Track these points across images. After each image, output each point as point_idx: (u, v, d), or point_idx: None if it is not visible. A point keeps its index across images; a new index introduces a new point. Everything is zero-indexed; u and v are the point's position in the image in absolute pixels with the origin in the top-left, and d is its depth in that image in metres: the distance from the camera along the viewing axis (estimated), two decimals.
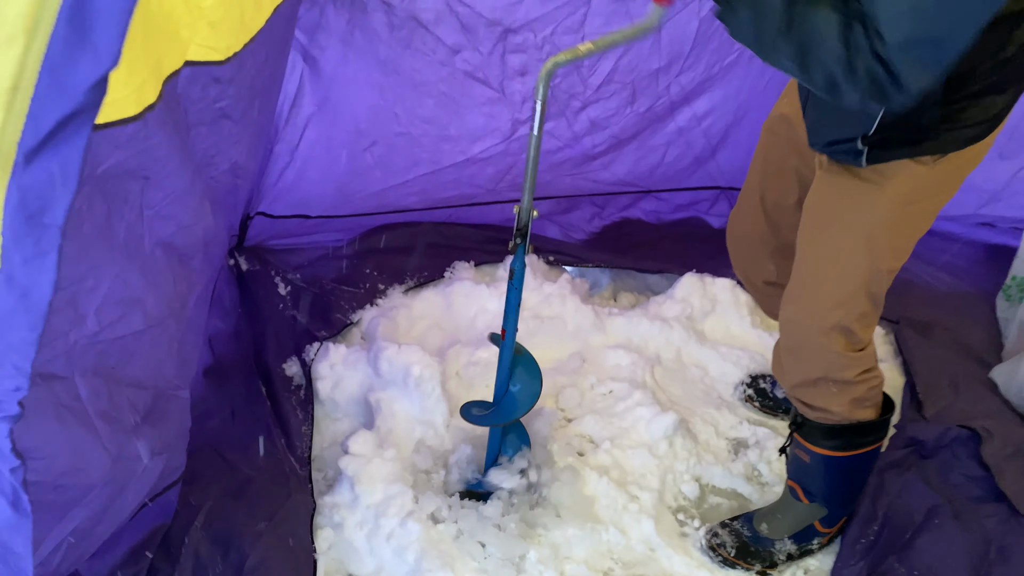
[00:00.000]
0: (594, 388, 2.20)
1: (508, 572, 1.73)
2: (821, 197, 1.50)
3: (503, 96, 2.24)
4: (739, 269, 1.94)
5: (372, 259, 2.47)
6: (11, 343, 0.77)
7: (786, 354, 1.62)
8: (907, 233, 1.47)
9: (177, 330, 1.56)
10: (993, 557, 1.75)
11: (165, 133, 1.16)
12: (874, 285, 1.48)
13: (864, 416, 1.61)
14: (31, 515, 0.86)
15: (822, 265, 1.51)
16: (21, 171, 0.71)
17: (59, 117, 0.70)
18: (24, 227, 0.73)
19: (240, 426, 1.93)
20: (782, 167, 1.68)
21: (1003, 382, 2.15)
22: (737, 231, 1.87)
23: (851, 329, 1.51)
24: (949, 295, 2.49)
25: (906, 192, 1.39)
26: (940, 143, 1.33)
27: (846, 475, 1.72)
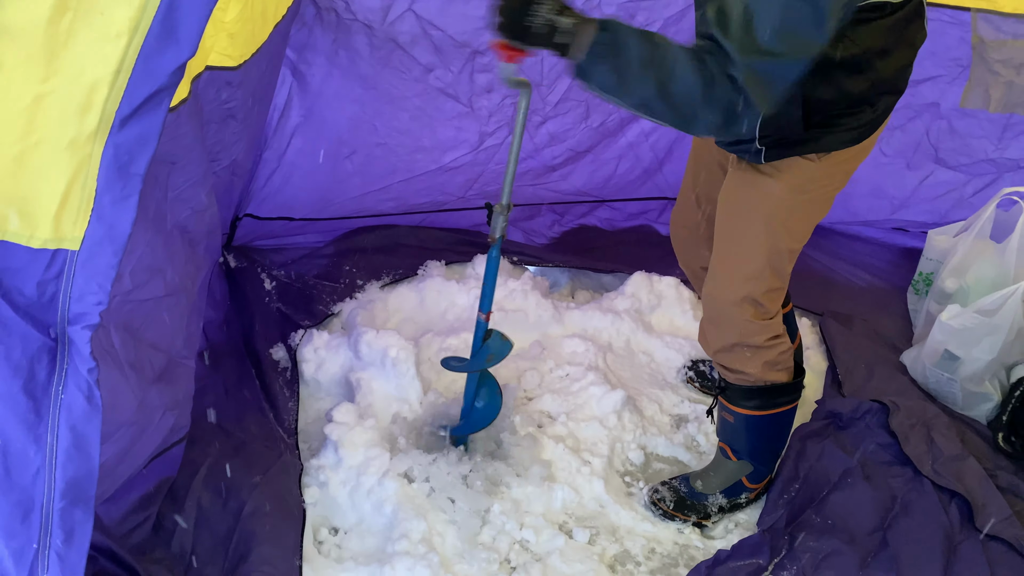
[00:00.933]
0: (552, 371, 2.44)
1: (475, 522, 1.96)
2: (730, 189, 1.78)
3: (472, 111, 2.50)
4: (680, 257, 2.20)
5: (351, 258, 2.70)
6: (98, 266, 0.99)
7: (707, 324, 1.89)
8: (801, 218, 1.74)
9: (187, 305, 1.78)
10: (897, 510, 2.01)
11: (192, 125, 1.40)
12: (776, 262, 1.75)
13: (777, 378, 1.88)
14: (101, 409, 1.07)
15: (732, 246, 1.78)
16: (116, 132, 0.94)
17: (148, 93, 0.94)
18: (115, 175, 0.96)
19: (233, 401, 2.14)
20: (710, 164, 1.95)
21: (910, 364, 2.45)
22: (676, 223, 2.14)
23: (758, 300, 1.78)
24: (867, 290, 2.79)
25: (797, 183, 1.67)
26: (821, 144, 1.62)
27: (766, 433, 1.99)
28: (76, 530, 1.10)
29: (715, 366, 1.94)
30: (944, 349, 2.28)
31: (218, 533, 1.75)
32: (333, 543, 1.91)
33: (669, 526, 2.04)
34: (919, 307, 2.64)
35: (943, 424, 2.22)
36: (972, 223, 2.45)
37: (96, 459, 1.09)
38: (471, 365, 2.00)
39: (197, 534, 1.74)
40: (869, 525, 1.98)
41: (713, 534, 2.05)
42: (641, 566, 1.94)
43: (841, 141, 1.63)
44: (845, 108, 1.59)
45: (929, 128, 2.58)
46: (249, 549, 1.71)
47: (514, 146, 1.72)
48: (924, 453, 2.13)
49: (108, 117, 0.94)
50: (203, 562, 1.71)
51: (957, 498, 2.02)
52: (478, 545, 1.91)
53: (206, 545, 1.74)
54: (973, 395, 2.29)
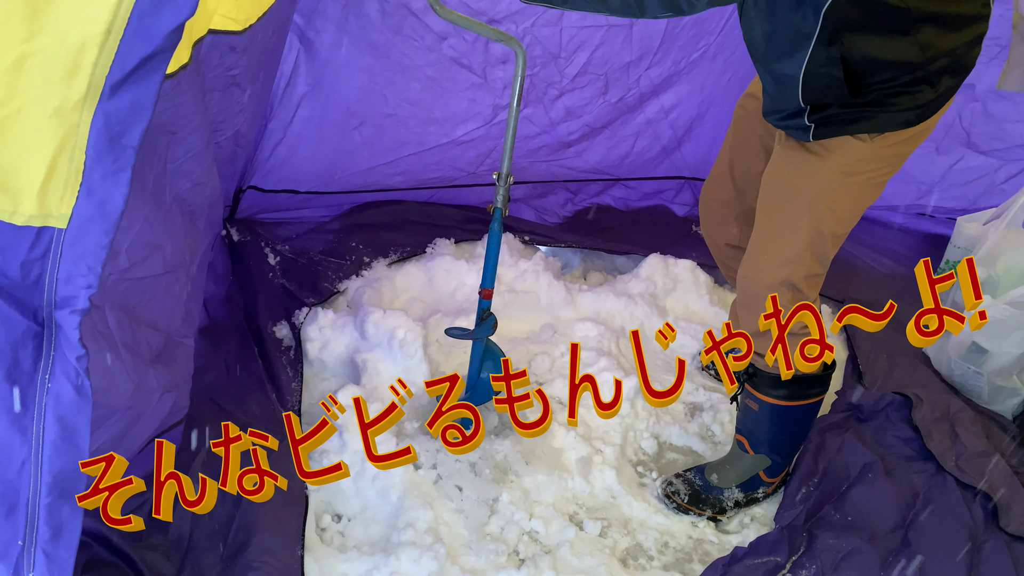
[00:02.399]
0: (564, 356, 2.37)
1: (483, 512, 1.89)
2: (775, 167, 1.70)
3: (485, 82, 2.40)
4: (706, 230, 2.12)
5: (358, 234, 2.62)
6: (87, 246, 0.91)
7: (741, 308, 1.81)
8: (848, 201, 1.65)
9: (186, 282, 1.70)
10: (919, 507, 1.95)
11: (192, 93, 1.31)
12: (819, 247, 1.67)
13: (807, 367, 1.80)
14: (91, 398, 1.00)
15: (773, 227, 1.71)
16: (107, 100, 0.86)
17: (142, 56, 0.85)
18: (106, 147, 0.88)
19: (234, 380, 2.07)
20: (749, 138, 1.87)
21: (934, 355, 2.37)
22: (708, 196, 2.06)
23: (797, 286, 1.70)
24: (890, 278, 2.70)
25: (846, 164, 1.59)
26: (874, 123, 1.53)
27: (789, 425, 1.92)
28: (64, 527, 1.03)
29: None
30: (971, 341, 2.20)
31: (217, 519, 1.69)
32: (336, 531, 1.85)
33: (683, 519, 1.98)
34: (943, 296, 2.55)
35: (968, 419, 2.15)
36: (1004, 211, 2.36)
37: (86, 452, 1.02)
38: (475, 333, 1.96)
39: (195, 520, 1.68)
40: (890, 522, 1.92)
41: (728, 528, 1.98)
42: (654, 560, 1.88)
43: (896, 122, 1.53)
44: (900, 85, 1.49)
45: (962, 111, 2.48)
46: (249, 537, 1.65)
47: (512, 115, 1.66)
48: (948, 449, 2.07)
49: (98, 82, 0.86)
50: (201, 549, 1.65)
51: (981, 496, 1.96)
52: (486, 536, 1.84)
53: (204, 532, 1.67)
54: (1000, 389, 2.22)
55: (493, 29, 1.67)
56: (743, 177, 1.93)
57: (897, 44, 1.45)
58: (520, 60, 1.68)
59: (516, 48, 1.67)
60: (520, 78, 1.68)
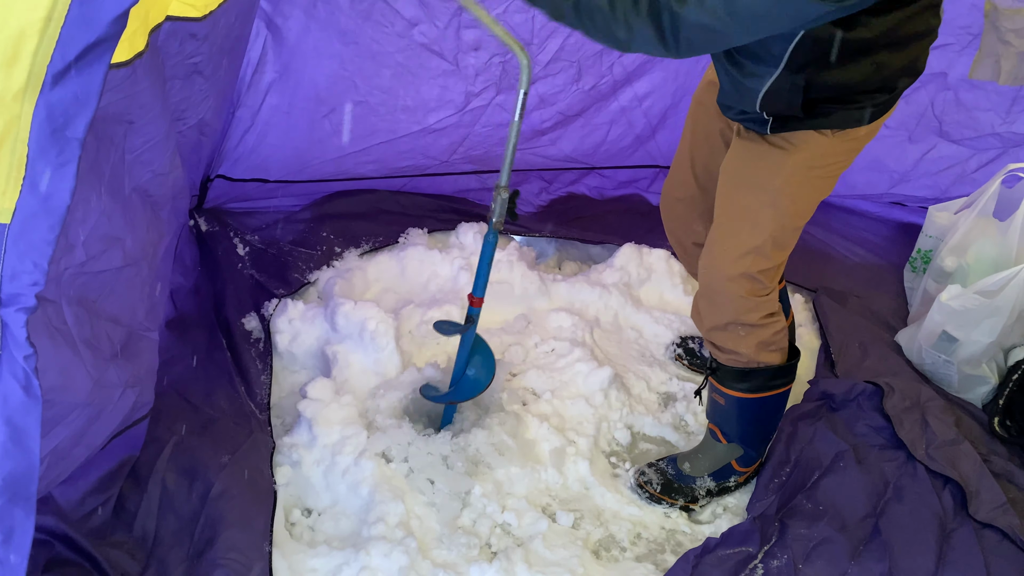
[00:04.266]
0: (537, 346, 2.35)
1: (455, 505, 1.88)
2: (735, 160, 1.68)
3: (457, 69, 2.37)
4: (670, 232, 2.10)
5: (329, 224, 2.58)
6: (32, 242, 0.88)
7: (701, 300, 1.81)
8: (808, 194, 1.66)
9: (149, 274, 1.66)
10: (889, 496, 1.96)
11: (149, 81, 1.27)
12: (780, 238, 1.68)
13: (770, 359, 1.80)
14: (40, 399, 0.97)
15: (734, 220, 1.70)
16: (49, 90, 0.82)
17: (85, 44, 0.81)
18: (49, 140, 0.84)
19: (202, 373, 2.03)
20: (709, 132, 1.85)
21: (906, 344, 2.38)
22: (670, 195, 2.04)
23: (756, 276, 1.70)
24: (862, 267, 2.71)
25: (809, 158, 1.59)
26: (833, 119, 1.53)
27: (757, 416, 1.92)
28: (15, 530, 1.00)
29: (706, 345, 1.86)
30: (942, 330, 2.21)
31: (183, 516, 1.66)
32: (306, 525, 1.83)
33: (656, 510, 1.97)
34: (916, 285, 2.57)
35: (938, 407, 2.17)
36: (975, 200, 2.37)
37: (36, 453, 0.99)
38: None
39: (161, 517, 1.65)
40: (861, 511, 1.93)
41: (701, 518, 1.99)
42: (627, 551, 1.88)
43: (855, 119, 1.54)
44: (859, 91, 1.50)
45: (934, 99, 2.48)
46: (216, 533, 1.62)
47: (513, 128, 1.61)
48: (918, 437, 2.08)
49: (39, 72, 0.82)
50: (167, 546, 1.62)
51: (951, 484, 1.98)
52: (458, 529, 1.83)
53: (170, 528, 1.64)
54: (969, 378, 2.23)
55: (506, 32, 1.58)
56: (705, 173, 1.91)
57: (856, 69, 1.46)
58: (525, 71, 1.58)
59: (522, 57, 1.58)
60: (524, 90, 1.58)
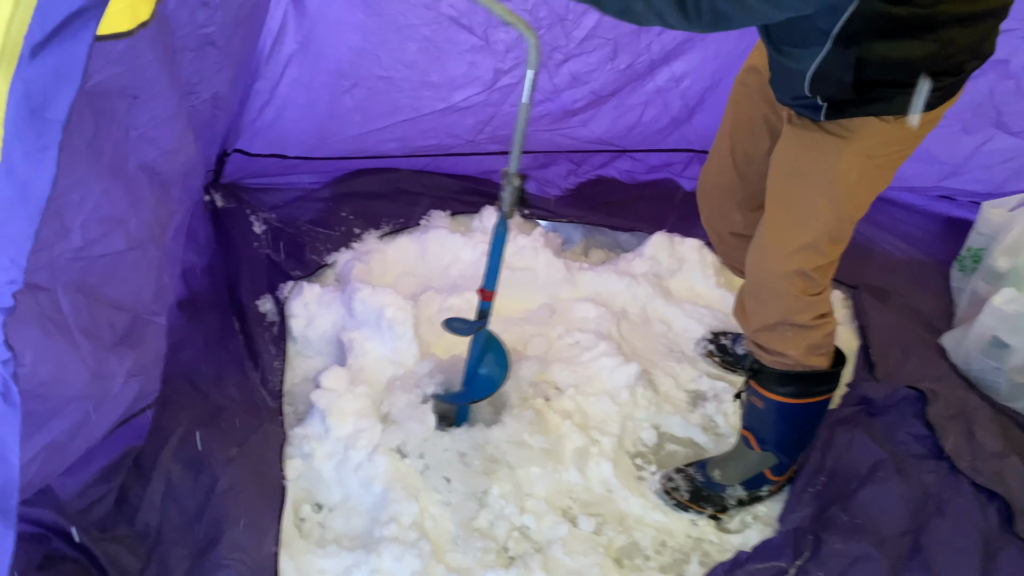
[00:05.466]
0: (561, 338, 2.25)
1: (471, 505, 1.79)
2: (789, 148, 1.57)
3: (487, 44, 2.25)
4: (706, 220, 1.99)
5: (348, 203, 2.48)
6: (9, 235, 0.79)
7: (749, 298, 1.70)
8: (867, 185, 1.55)
9: (156, 256, 1.58)
10: (931, 509, 1.85)
11: (155, 53, 1.17)
12: (836, 232, 1.57)
13: (818, 364, 1.69)
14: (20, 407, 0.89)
15: (787, 212, 1.59)
16: (26, 64, 0.73)
17: (67, 12, 0.72)
18: (27, 121, 0.75)
19: (213, 358, 1.95)
20: (752, 118, 1.74)
21: (952, 348, 2.25)
22: (707, 183, 1.93)
23: (809, 274, 1.59)
24: (906, 263, 2.57)
25: (868, 147, 1.47)
26: (895, 104, 1.41)
27: (797, 423, 1.81)
28: None
29: (749, 346, 1.75)
30: (992, 335, 2.09)
31: (187, 511, 1.59)
32: (316, 521, 1.75)
33: (682, 517, 1.88)
34: (963, 285, 2.43)
35: (985, 417, 2.05)
36: None
37: (15, 464, 0.91)
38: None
39: (164, 511, 1.58)
40: (900, 526, 1.82)
41: (729, 527, 1.89)
42: (650, 560, 1.79)
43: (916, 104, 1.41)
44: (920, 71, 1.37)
45: (993, 88, 2.32)
46: (221, 531, 1.55)
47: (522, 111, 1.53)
48: (963, 448, 1.96)
49: (14, 44, 0.72)
50: (169, 542, 1.55)
51: (997, 499, 1.86)
52: (474, 531, 1.75)
53: (173, 523, 1.57)
54: (1020, 387, 2.10)
55: (509, 12, 1.50)
56: (745, 160, 1.81)
57: (918, 44, 1.35)
58: (533, 51, 1.51)
59: (529, 36, 1.50)
60: (533, 71, 1.51)
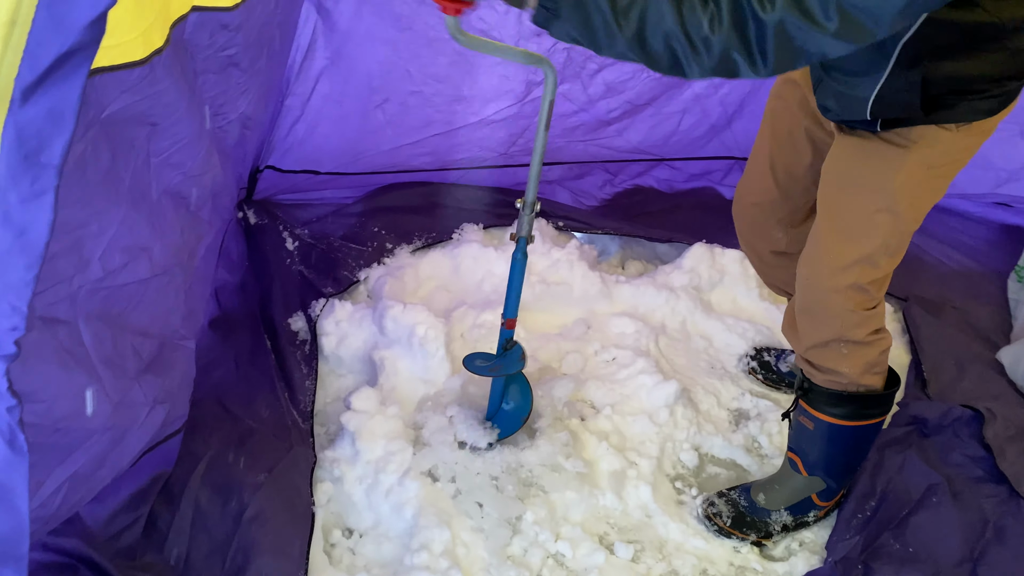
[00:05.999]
0: (598, 355, 2.20)
1: (504, 532, 1.74)
2: (843, 158, 1.50)
3: None
4: (745, 240, 1.92)
5: (380, 218, 2.46)
6: (8, 282, 0.77)
7: (801, 315, 1.63)
8: (927, 196, 1.48)
9: (184, 280, 1.56)
10: (989, 537, 1.75)
11: (172, 79, 1.15)
12: (893, 245, 1.51)
13: (872, 383, 1.62)
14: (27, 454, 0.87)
15: (842, 225, 1.52)
16: (18, 108, 0.70)
17: (57, 54, 0.69)
18: (21, 166, 0.72)
19: (244, 378, 1.94)
20: (792, 131, 1.67)
21: (1009, 364, 2.14)
22: (746, 201, 1.86)
23: (865, 288, 1.53)
24: (960, 274, 2.46)
25: (930, 156, 1.40)
26: (957, 112, 1.34)
27: (848, 446, 1.73)
28: None
29: (800, 363, 1.67)
30: None
31: (216, 538, 1.56)
32: (346, 547, 1.71)
33: (724, 543, 1.80)
34: (1021, 297, 2.32)
35: None
36: None
37: (25, 512, 0.89)
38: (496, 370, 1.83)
39: (193, 538, 1.56)
40: (956, 555, 1.72)
41: (774, 555, 1.81)
42: None
43: (980, 110, 1.35)
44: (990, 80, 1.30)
45: None
46: (248, 560, 1.52)
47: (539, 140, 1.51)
48: (1022, 471, 1.86)
49: (5, 88, 0.70)
50: (197, 570, 1.52)
51: None
52: (507, 560, 1.70)
53: (202, 551, 1.55)
54: None
55: (521, 51, 1.50)
56: (787, 176, 1.73)
57: (987, 58, 1.28)
58: (550, 80, 1.50)
59: (546, 68, 1.49)
60: (549, 100, 1.51)
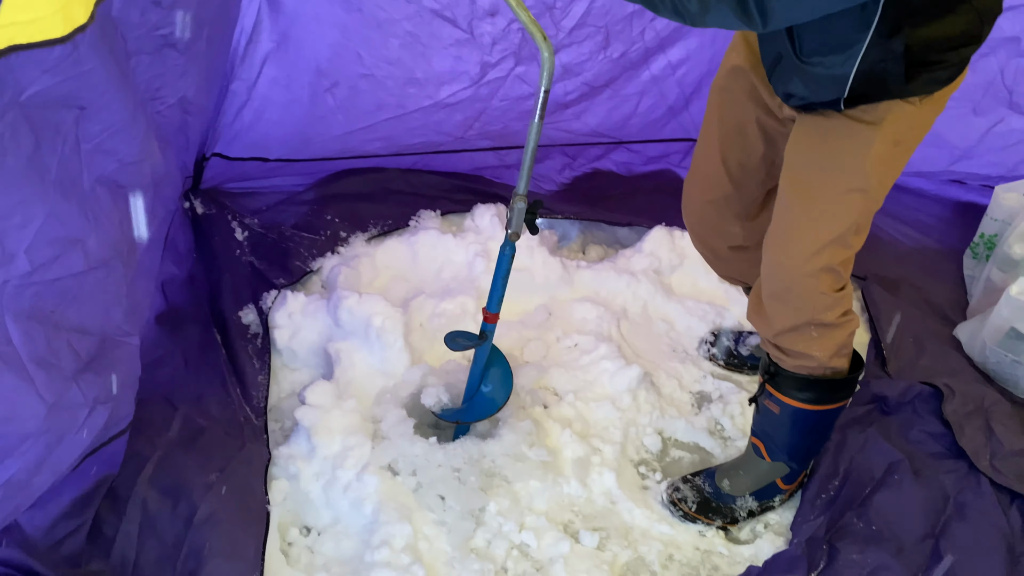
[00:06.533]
0: (560, 341, 2.16)
1: (467, 524, 1.70)
2: (807, 141, 1.48)
3: (472, 37, 2.15)
4: (698, 237, 1.88)
5: (334, 205, 2.39)
6: None
7: (771, 301, 1.60)
8: (893, 173, 1.47)
9: (125, 273, 1.49)
10: (950, 512, 1.76)
11: (99, 59, 1.08)
12: (863, 223, 1.50)
13: (839, 365, 1.62)
14: None
15: (813, 207, 1.49)
16: None
17: None
18: None
19: (193, 375, 1.86)
20: (743, 125, 1.64)
21: (966, 340, 2.16)
22: (697, 198, 1.81)
23: (835, 268, 1.52)
24: (917, 252, 2.47)
25: (896, 132, 1.39)
26: (918, 84, 1.33)
27: (812, 431, 1.72)
28: None
29: (768, 348, 1.66)
30: (1010, 327, 1.99)
31: (166, 542, 1.50)
32: (304, 545, 1.66)
33: (689, 528, 1.79)
34: (977, 273, 2.33)
35: (1004, 412, 1.96)
36: None
37: None
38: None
39: (141, 543, 1.49)
40: (919, 531, 1.73)
41: (740, 538, 1.80)
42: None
43: (939, 80, 1.34)
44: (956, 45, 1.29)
45: (1004, 67, 2.22)
46: (200, 563, 1.46)
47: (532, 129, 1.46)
48: (982, 446, 1.87)
49: None
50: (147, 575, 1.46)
51: (1019, 500, 1.77)
52: (470, 553, 1.66)
53: (151, 556, 1.48)
54: None
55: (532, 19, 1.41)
56: (741, 170, 1.70)
57: (957, 20, 1.27)
58: (547, 65, 1.42)
59: (543, 49, 1.41)
60: (545, 88, 1.44)
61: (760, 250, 1.63)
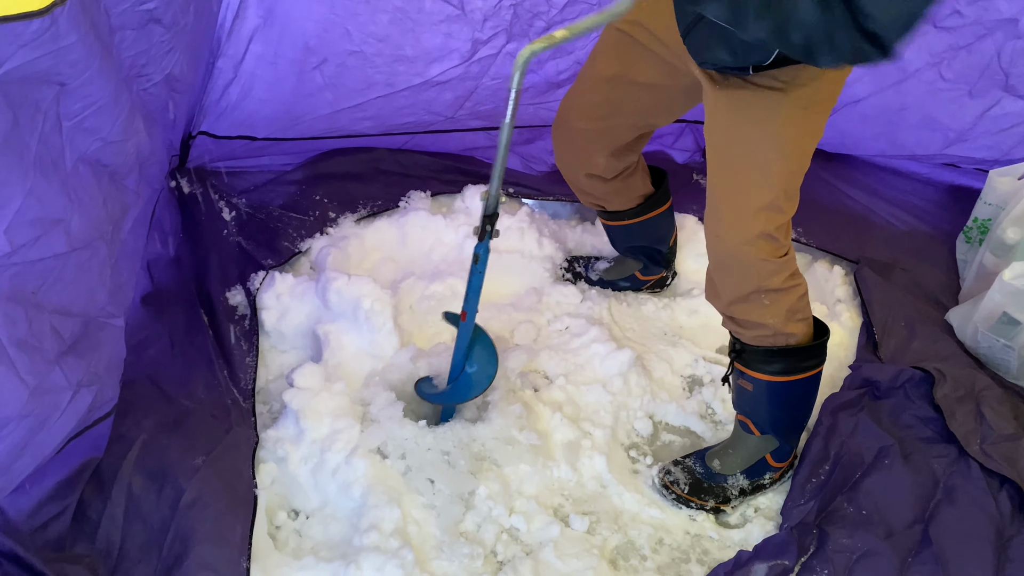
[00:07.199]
0: (550, 324, 2.15)
1: (457, 508, 1.70)
2: (722, 113, 1.50)
3: (463, 14, 2.11)
4: (562, 158, 1.94)
5: (323, 185, 2.35)
6: None
7: (717, 273, 1.63)
8: (809, 136, 1.50)
9: (109, 254, 1.46)
10: (940, 497, 1.77)
11: (80, 34, 1.04)
12: (790, 187, 1.52)
13: (798, 330, 1.63)
14: None
15: (739, 176, 1.52)
16: None
17: None
18: None
19: (179, 356, 1.84)
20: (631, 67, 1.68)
21: (958, 324, 2.15)
22: (571, 123, 1.84)
23: (772, 235, 1.54)
24: (909, 235, 2.47)
25: (804, 95, 1.42)
26: None
27: (790, 402, 1.74)
28: None
29: (726, 325, 1.69)
30: (1002, 312, 1.99)
31: (152, 526, 1.48)
32: (292, 529, 1.65)
33: (680, 512, 1.79)
34: (969, 258, 2.33)
35: (995, 397, 1.96)
36: None
37: None
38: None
39: (126, 527, 1.47)
40: (908, 516, 1.74)
41: (730, 522, 1.80)
42: (647, 560, 1.70)
43: None
44: None
45: (1001, 49, 2.20)
46: (187, 547, 1.45)
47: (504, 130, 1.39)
48: (972, 431, 1.88)
49: None
50: (132, 560, 1.44)
51: (1008, 484, 1.78)
52: (460, 536, 1.65)
53: (137, 541, 1.47)
54: None
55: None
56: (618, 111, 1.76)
57: None
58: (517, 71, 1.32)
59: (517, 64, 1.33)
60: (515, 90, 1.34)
61: (618, 182, 1.86)
